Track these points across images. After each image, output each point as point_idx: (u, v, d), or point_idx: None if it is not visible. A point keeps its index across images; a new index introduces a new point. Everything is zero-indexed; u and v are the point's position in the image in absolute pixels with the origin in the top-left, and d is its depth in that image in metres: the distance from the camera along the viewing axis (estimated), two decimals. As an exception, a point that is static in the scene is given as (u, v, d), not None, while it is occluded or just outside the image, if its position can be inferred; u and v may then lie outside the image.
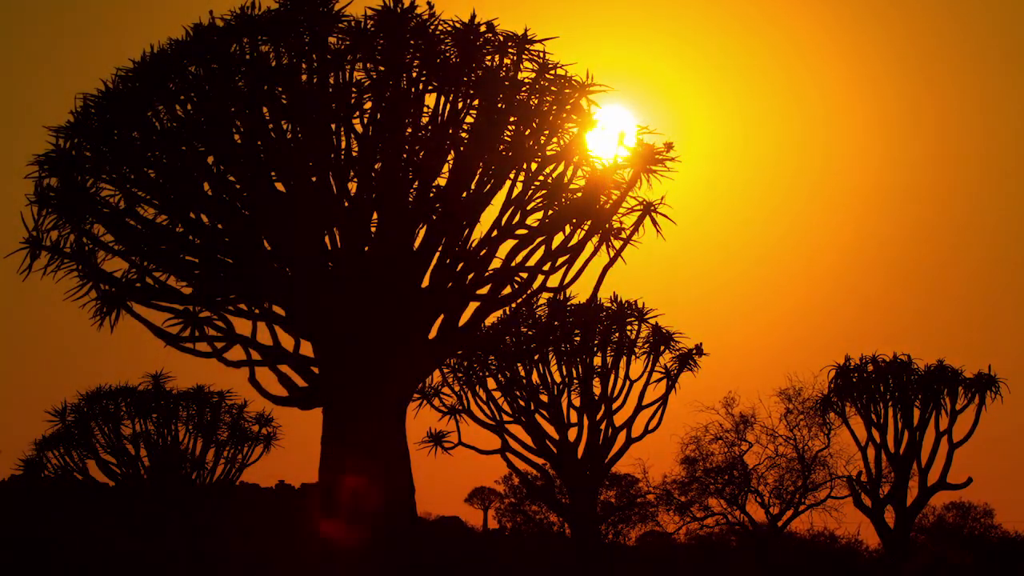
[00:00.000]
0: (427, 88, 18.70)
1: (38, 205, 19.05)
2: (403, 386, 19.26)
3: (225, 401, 35.52)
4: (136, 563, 36.68)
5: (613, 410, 34.80)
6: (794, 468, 43.52)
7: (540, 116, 19.00)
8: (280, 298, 19.14)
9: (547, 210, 19.29)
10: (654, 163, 19.25)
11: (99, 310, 19.08)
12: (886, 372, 38.92)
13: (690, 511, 44.66)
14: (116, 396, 34.85)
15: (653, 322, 34.88)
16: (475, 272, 19.21)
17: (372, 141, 18.63)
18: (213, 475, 35.50)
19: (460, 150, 18.83)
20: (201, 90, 18.74)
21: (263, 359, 19.36)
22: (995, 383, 38.61)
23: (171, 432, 35.02)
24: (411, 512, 18.93)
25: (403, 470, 18.95)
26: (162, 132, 18.79)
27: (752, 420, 44.27)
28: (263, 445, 36.08)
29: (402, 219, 18.83)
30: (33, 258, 19.11)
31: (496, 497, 64.63)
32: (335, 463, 18.80)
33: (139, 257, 19.10)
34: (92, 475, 35.08)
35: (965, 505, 55.58)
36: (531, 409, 34.69)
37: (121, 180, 18.97)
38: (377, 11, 18.59)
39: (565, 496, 36.44)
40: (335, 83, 18.57)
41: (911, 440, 38.71)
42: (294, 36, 18.58)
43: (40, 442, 34.75)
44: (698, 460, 44.37)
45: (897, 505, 38.81)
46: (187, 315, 19.13)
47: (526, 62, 18.94)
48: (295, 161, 18.59)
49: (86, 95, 19.08)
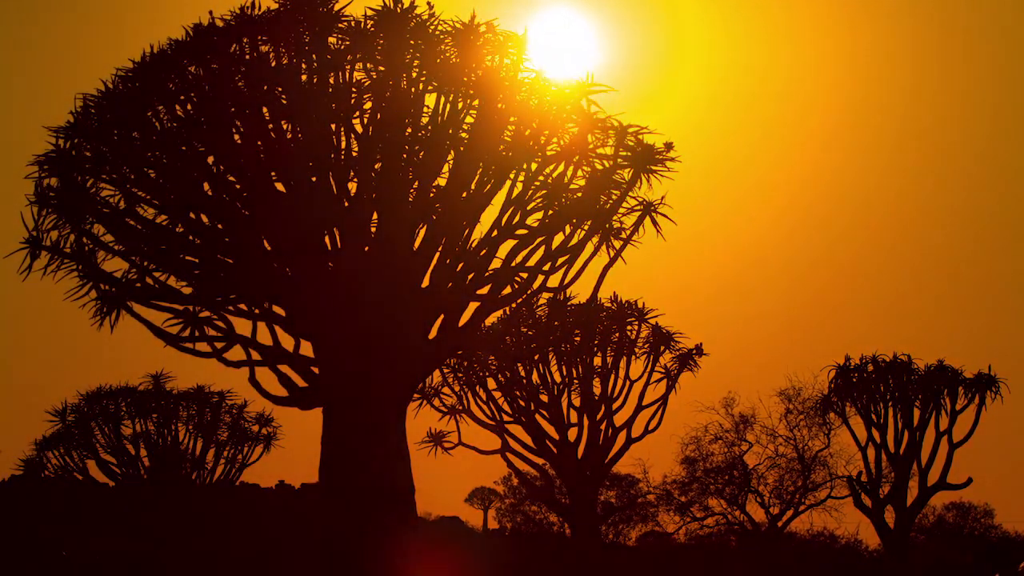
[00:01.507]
0: (427, 88, 18.69)
1: (38, 205, 19.04)
2: (403, 386, 19.26)
3: (225, 401, 35.54)
4: (135, 563, 36.67)
5: (613, 410, 34.80)
6: (794, 468, 43.58)
7: (540, 116, 18.99)
8: (280, 298, 19.14)
9: (547, 210, 19.27)
10: (654, 163, 19.24)
11: (99, 310, 19.07)
12: (886, 372, 38.93)
13: (690, 511, 44.73)
14: (116, 396, 34.85)
15: (653, 322, 34.89)
16: (475, 272, 19.20)
17: (372, 141, 18.62)
18: (213, 475, 35.50)
19: (460, 150, 18.83)
20: (201, 90, 18.73)
21: (263, 359, 19.35)
22: (995, 383, 38.63)
23: (171, 432, 35.02)
24: (411, 512, 18.92)
25: (403, 470, 18.94)
26: (162, 132, 18.78)
27: (752, 420, 44.32)
28: (263, 445, 36.09)
29: (402, 219, 18.83)
30: (33, 258, 19.10)
31: (496, 497, 64.64)
32: (335, 463, 18.79)
33: (139, 257, 19.08)
34: (92, 475, 35.09)
35: (965, 505, 55.64)
36: (531, 409, 34.69)
37: (121, 180, 18.96)
38: (377, 11, 18.58)
39: (565, 496, 36.44)
40: (335, 83, 18.56)
41: (911, 440, 38.72)
42: (294, 36, 18.58)
43: (40, 442, 34.77)
44: (698, 460, 44.43)
45: (897, 505, 38.82)
46: (187, 315, 19.13)
47: (526, 62, 18.92)
48: (295, 161, 18.58)
49: (86, 95, 19.08)
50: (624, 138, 19.22)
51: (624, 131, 19.18)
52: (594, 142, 19.17)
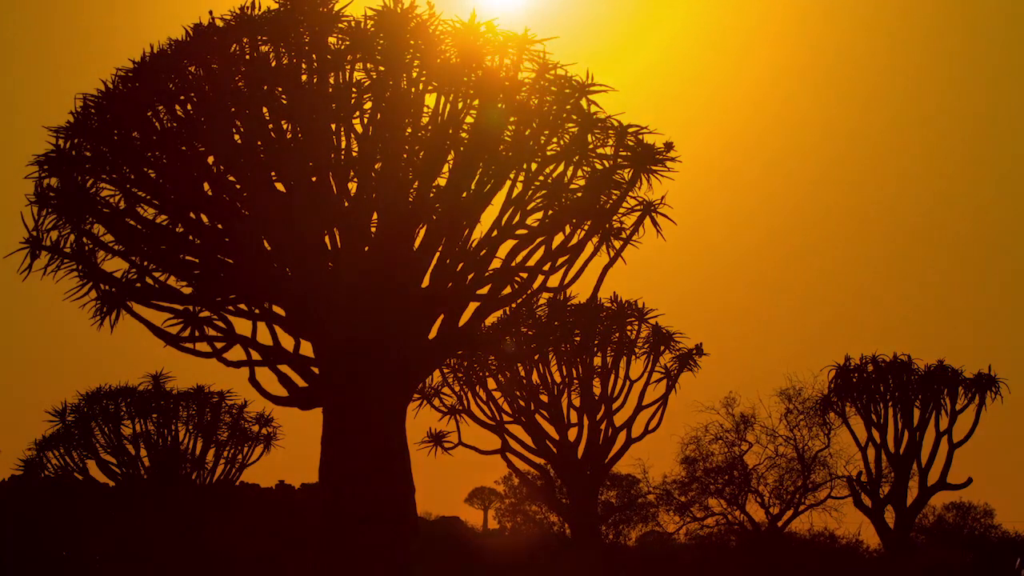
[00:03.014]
0: (427, 88, 18.69)
1: (38, 205, 19.05)
2: (403, 386, 19.25)
3: (225, 401, 35.51)
4: (136, 563, 36.65)
5: (613, 410, 34.81)
6: (794, 468, 43.54)
7: (540, 116, 18.99)
8: (280, 298, 19.14)
9: (547, 210, 19.28)
10: (654, 163, 19.23)
11: (99, 310, 19.07)
12: (886, 372, 38.93)
13: (690, 511, 44.69)
14: (116, 396, 34.84)
15: (653, 322, 34.89)
16: (475, 272, 19.20)
17: (372, 141, 18.62)
18: (213, 475, 35.49)
19: (460, 150, 18.82)
20: (201, 90, 18.73)
21: (263, 359, 19.35)
22: (995, 383, 38.62)
23: (171, 432, 35.00)
24: (411, 512, 18.92)
25: (403, 470, 18.94)
26: (162, 132, 18.79)
27: (752, 420, 44.29)
28: (263, 445, 36.07)
29: (402, 219, 18.82)
30: (33, 258, 19.10)
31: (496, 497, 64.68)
32: (335, 463, 18.79)
33: (139, 257, 19.09)
34: (92, 475, 35.09)
35: (965, 505, 55.59)
36: (531, 409, 34.70)
37: (121, 180, 18.97)
38: (377, 11, 18.58)
39: (565, 496, 36.43)
40: (335, 83, 18.56)
41: (911, 440, 38.72)
42: (294, 36, 18.58)
43: (40, 442, 34.75)
44: (698, 460, 44.39)
45: (897, 505, 38.82)
46: (187, 315, 19.13)
47: (526, 62, 18.92)
48: (295, 161, 18.58)
49: (86, 95, 19.09)
50: (624, 138, 19.23)
51: (624, 131, 19.19)
52: (594, 142, 19.17)
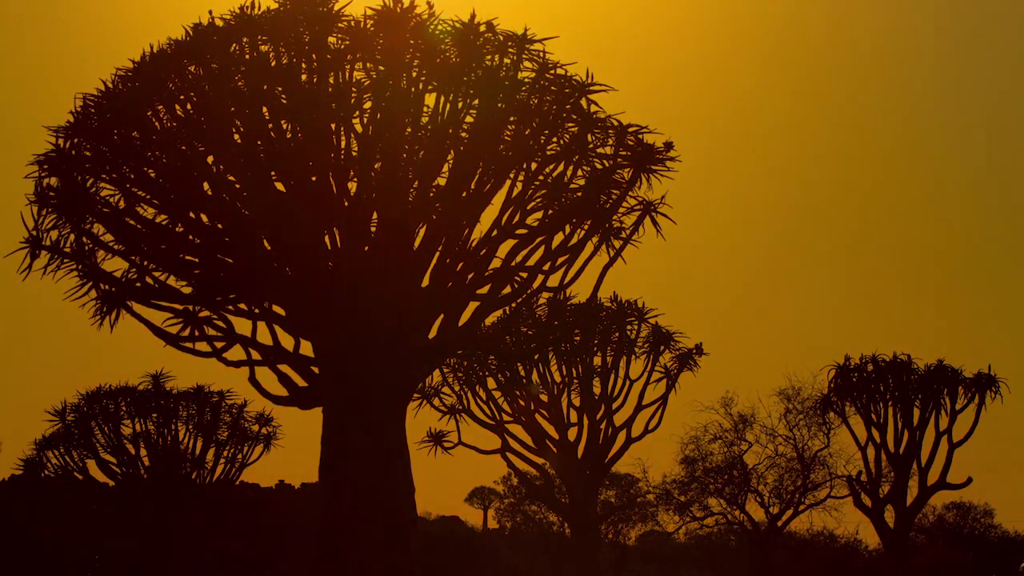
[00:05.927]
0: (427, 88, 18.69)
1: (38, 205, 19.05)
2: (403, 386, 19.26)
3: (225, 401, 35.51)
4: (136, 563, 36.66)
5: (613, 410, 34.84)
6: (794, 468, 43.51)
7: (540, 116, 18.99)
8: (280, 298, 19.14)
9: (547, 210, 19.28)
10: (654, 163, 19.23)
11: (99, 310, 19.08)
12: (886, 372, 38.92)
13: (690, 511, 44.64)
14: (116, 396, 34.83)
15: (653, 322, 34.94)
16: (475, 272, 19.20)
17: (372, 141, 18.62)
18: (213, 475, 35.49)
19: (460, 150, 18.82)
20: (201, 90, 18.73)
21: (263, 359, 19.36)
22: (995, 383, 38.60)
23: (171, 432, 35.00)
24: (411, 512, 18.92)
25: (403, 470, 18.94)
26: (162, 132, 18.79)
27: (752, 420, 44.27)
28: (263, 445, 36.07)
29: (402, 219, 18.82)
30: (33, 258, 19.10)
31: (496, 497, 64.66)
32: (335, 463, 18.80)
33: (139, 257, 19.09)
34: (92, 475, 35.08)
35: (965, 505, 55.61)
36: (531, 409, 34.71)
37: (121, 180, 18.96)
38: (377, 11, 18.58)
39: (565, 496, 36.47)
40: (335, 83, 18.56)
41: (911, 440, 38.70)
42: (294, 36, 18.57)
43: (40, 442, 34.76)
44: (698, 460, 44.36)
45: (897, 505, 38.80)
46: (187, 315, 19.14)
47: (526, 62, 18.92)
48: (295, 161, 18.58)
49: (86, 95, 19.08)
50: (624, 138, 19.22)
51: (624, 131, 19.19)
52: (594, 142, 19.17)
